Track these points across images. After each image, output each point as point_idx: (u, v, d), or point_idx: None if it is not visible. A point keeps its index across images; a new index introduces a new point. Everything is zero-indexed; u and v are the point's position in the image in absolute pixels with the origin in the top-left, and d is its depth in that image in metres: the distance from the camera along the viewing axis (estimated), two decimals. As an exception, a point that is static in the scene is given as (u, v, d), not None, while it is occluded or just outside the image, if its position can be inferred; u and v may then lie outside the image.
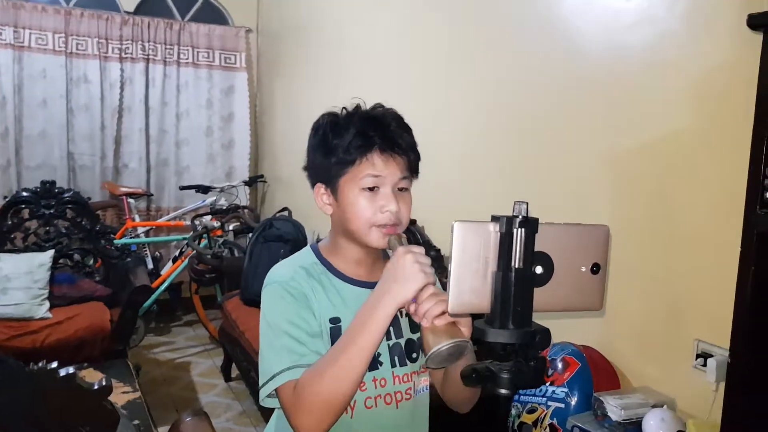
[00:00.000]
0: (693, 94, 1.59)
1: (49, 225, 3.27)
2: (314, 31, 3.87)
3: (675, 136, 1.64)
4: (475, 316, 0.75)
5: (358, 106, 1.04)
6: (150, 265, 4.15)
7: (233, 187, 4.39)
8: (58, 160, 4.24)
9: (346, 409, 0.92)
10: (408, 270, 0.87)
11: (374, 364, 1.03)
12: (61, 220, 3.30)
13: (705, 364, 1.51)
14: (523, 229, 0.65)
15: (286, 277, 1.01)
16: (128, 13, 4.35)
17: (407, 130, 1.04)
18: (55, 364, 1.10)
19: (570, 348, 1.75)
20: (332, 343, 0.99)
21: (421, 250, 0.91)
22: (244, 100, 4.65)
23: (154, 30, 4.36)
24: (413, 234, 2.43)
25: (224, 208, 4.09)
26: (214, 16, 4.66)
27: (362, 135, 0.99)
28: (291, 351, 0.94)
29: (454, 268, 0.67)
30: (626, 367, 1.77)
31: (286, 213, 3.79)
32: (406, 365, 1.06)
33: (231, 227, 3.97)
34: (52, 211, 3.26)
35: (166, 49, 4.40)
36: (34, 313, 2.89)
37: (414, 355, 1.08)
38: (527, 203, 0.65)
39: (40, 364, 1.09)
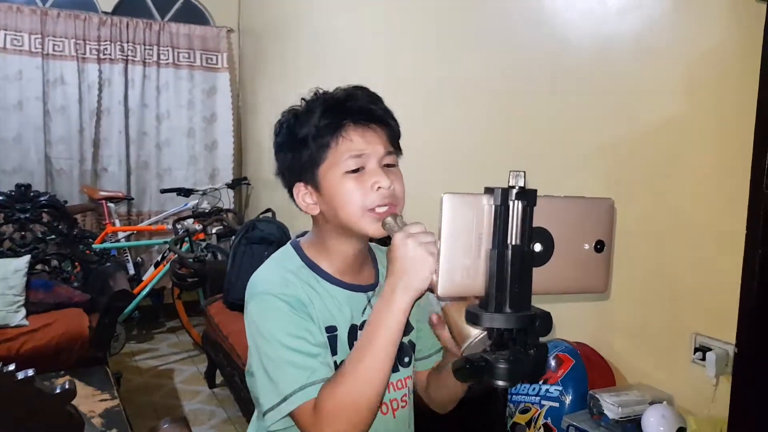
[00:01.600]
0: (686, 79, 1.55)
1: (25, 229, 3.17)
2: (297, 29, 3.80)
3: (670, 123, 1.59)
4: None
5: (317, 91, 0.95)
6: (131, 271, 4.06)
7: (216, 189, 4.31)
8: (35, 163, 4.13)
9: None
10: (412, 258, 0.76)
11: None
12: (37, 224, 3.20)
13: (704, 358, 1.46)
14: (520, 202, 0.59)
15: (278, 285, 0.90)
16: (106, 13, 4.26)
17: (377, 97, 0.94)
18: (12, 367, 1.01)
19: (563, 345, 1.70)
20: (331, 353, 0.91)
21: (420, 227, 0.80)
22: (227, 100, 4.57)
23: (132, 30, 4.27)
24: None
25: (207, 211, 4.00)
26: (195, 16, 4.58)
27: (330, 112, 0.90)
28: (300, 367, 0.84)
29: (443, 245, 0.60)
30: (621, 363, 1.72)
31: (269, 214, 3.71)
32: (399, 370, 0.99)
33: (214, 231, 3.89)
34: (27, 215, 3.16)
35: (145, 49, 4.32)
36: (10, 321, 2.79)
37: (406, 359, 1.01)
38: (524, 172, 0.58)
39: (-5, 368, 1.00)
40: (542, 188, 0.60)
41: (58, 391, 1.09)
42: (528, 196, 0.59)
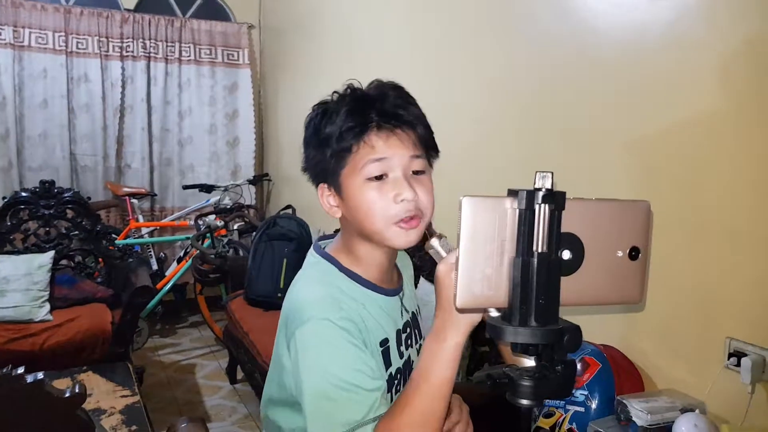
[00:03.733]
0: (721, 73, 1.47)
1: (49, 225, 3.20)
2: (318, 24, 3.77)
3: (703, 118, 1.51)
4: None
5: (350, 87, 0.89)
6: (154, 266, 4.10)
7: (237, 185, 4.32)
8: (60, 160, 4.18)
9: None
10: None
11: (410, 371, 0.90)
12: (61, 220, 3.23)
13: (738, 364, 1.38)
14: (547, 205, 0.53)
15: (332, 308, 0.83)
16: (128, 10, 4.28)
17: (410, 99, 0.88)
18: (21, 370, 1.00)
19: (589, 348, 1.64)
20: (385, 366, 0.89)
21: None
22: (248, 97, 4.57)
23: (155, 27, 4.29)
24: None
25: (228, 207, 4.01)
26: (216, 12, 4.58)
27: (354, 114, 0.84)
28: (359, 403, 0.79)
29: (462, 253, 0.55)
30: (650, 367, 1.65)
31: (289, 211, 3.70)
32: None
33: (236, 227, 3.89)
34: (51, 212, 3.19)
35: (167, 46, 4.33)
36: (34, 316, 2.83)
37: None
38: (552, 173, 0.53)
39: (5, 370, 0.99)
40: (565, 188, 0.55)
41: (67, 395, 1.08)
42: (556, 199, 0.54)
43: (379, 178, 0.83)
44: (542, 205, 0.53)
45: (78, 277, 3.20)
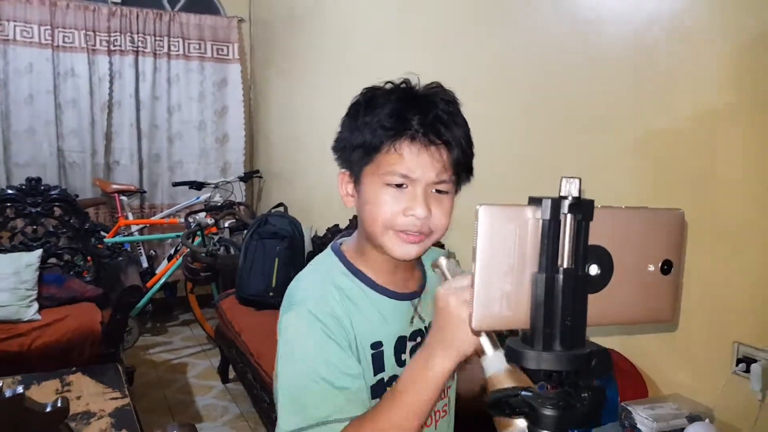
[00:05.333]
0: (732, 67, 1.42)
1: (37, 224, 3.13)
2: (310, 18, 3.71)
3: (713, 115, 1.47)
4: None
5: (405, 81, 0.85)
6: (144, 264, 4.05)
7: (228, 182, 4.26)
8: (48, 156, 4.11)
9: None
10: (456, 318, 0.67)
11: (379, 392, 0.87)
12: (48, 218, 3.16)
13: (747, 370, 1.35)
14: (573, 216, 0.49)
15: (317, 300, 0.82)
16: (116, 3, 4.20)
17: (458, 118, 0.83)
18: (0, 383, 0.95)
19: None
20: (374, 370, 0.85)
21: (469, 281, 0.68)
22: (238, 92, 4.51)
23: (143, 21, 4.21)
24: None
25: (219, 204, 3.95)
26: (205, 5, 4.51)
27: (395, 115, 0.79)
28: (326, 401, 0.78)
29: (478, 268, 0.50)
30: (655, 371, 1.61)
31: (281, 209, 3.65)
32: None
33: (227, 224, 3.84)
34: (39, 209, 3.12)
35: (155, 40, 4.26)
36: (22, 315, 2.77)
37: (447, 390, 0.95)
38: (579, 179, 0.48)
39: (-15, 386, 0.94)
40: None
41: (49, 409, 1.02)
42: (584, 208, 0.49)
43: (398, 185, 0.81)
44: (569, 214, 0.48)
45: (66, 276, 3.14)
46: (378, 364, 0.86)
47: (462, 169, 0.84)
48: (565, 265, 0.49)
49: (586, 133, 1.84)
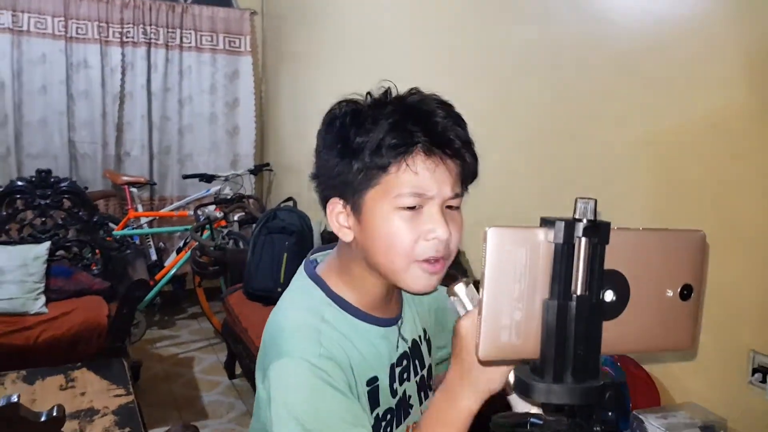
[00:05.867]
0: (749, 68, 1.37)
1: (46, 216, 3.14)
2: (322, 11, 3.67)
3: (727, 116, 1.42)
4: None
5: (388, 92, 0.77)
6: (153, 257, 4.04)
7: (238, 175, 4.24)
8: (59, 148, 4.11)
9: None
10: None
11: (405, 410, 0.83)
12: (57, 210, 3.16)
13: (764, 380, 1.31)
14: (589, 239, 0.45)
15: (311, 344, 0.74)
16: (129, -6, 4.17)
17: (460, 120, 0.76)
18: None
19: (603, 358, 1.56)
20: (371, 407, 0.79)
21: None
22: (249, 85, 4.48)
23: (155, 13, 4.19)
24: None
25: (229, 197, 3.93)
26: (218, -3, 4.48)
27: (399, 130, 0.71)
28: None
29: (486, 294, 0.46)
30: (668, 379, 1.57)
31: (290, 203, 3.62)
32: (429, 396, 0.90)
33: (236, 217, 3.82)
34: (48, 201, 3.12)
35: (168, 32, 4.24)
36: (30, 308, 2.77)
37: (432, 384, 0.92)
38: (595, 200, 0.45)
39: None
40: (577, 191, 0.46)
41: (44, 419, 1.00)
42: (600, 231, 0.45)
43: (412, 208, 0.73)
44: (583, 238, 0.45)
45: (74, 268, 3.14)
46: (374, 399, 0.80)
47: (470, 178, 0.79)
48: (578, 292, 0.45)
49: (598, 133, 1.79)
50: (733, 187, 1.42)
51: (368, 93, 0.78)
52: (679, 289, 0.49)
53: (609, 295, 0.46)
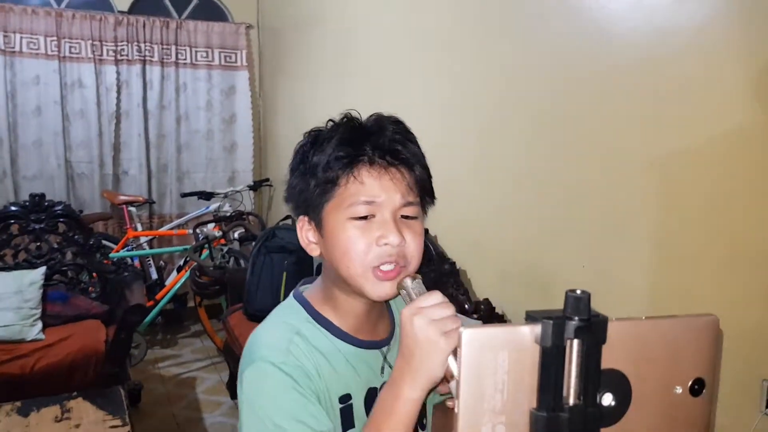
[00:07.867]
0: (754, 83, 1.32)
1: (40, 240, 3.09)
2: (318, 25, 3.62)
3: (733, 133, 1.36)
4: None
5: (346, 116, 0.82)
6: (154, 275, 4.00)
7: (237, 192, 4.19)
8: (55, 169, 4.07)
9: None
10: (420, 340, 0.64)
11: None
12: (52, 234, 3.11)
13: (780, 413, 1.24)
14: (581, 341, 0.38)
15: (281, 352, 0.77)
16: (122, 12, 4.15)
17: (410, 136, 0.81)
18: None
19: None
20: (343, 426, 0.79)
21: (435, 299, 0.67)
22: (246, 100, 4.44)
23: (149, 29, 4.16)
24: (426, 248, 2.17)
25: (228, 214, 3.88)
26: (213, 12, 4.44)
27: (346, 143, 0.77)
28: None
29: (463, 408, 0.40)
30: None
31: (288, 221, 3.57)
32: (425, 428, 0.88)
33: (236, 235, 3.76)
34: (42, 226, 3.07)
35: (163, 49, 4.20)
36: (26, 335, 2.72)
37: (425, 421, 0.89)
38: (589, 294, 0.38)
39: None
40: (578, 208, 0.40)
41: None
42: (595, 330, 0.38)
43: (364, 218, 0.77)
44: (575, 340, 0.38)
45: (71, 293, 3.09)
46: (347, 418, 0.80)
47: (425, 190, 0.81)
48: (571, 401, 0.38)
49: (596, 149, 1.73)
50: (740, 208, 1.36)
51: (330, 120, 0.83)
52: (689, 385, 0.42)
53: (608, 399, 0.40)
